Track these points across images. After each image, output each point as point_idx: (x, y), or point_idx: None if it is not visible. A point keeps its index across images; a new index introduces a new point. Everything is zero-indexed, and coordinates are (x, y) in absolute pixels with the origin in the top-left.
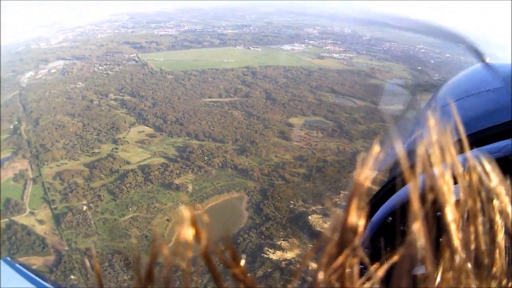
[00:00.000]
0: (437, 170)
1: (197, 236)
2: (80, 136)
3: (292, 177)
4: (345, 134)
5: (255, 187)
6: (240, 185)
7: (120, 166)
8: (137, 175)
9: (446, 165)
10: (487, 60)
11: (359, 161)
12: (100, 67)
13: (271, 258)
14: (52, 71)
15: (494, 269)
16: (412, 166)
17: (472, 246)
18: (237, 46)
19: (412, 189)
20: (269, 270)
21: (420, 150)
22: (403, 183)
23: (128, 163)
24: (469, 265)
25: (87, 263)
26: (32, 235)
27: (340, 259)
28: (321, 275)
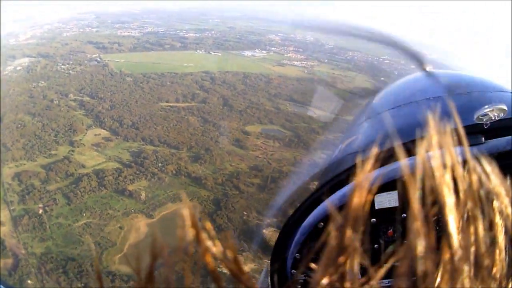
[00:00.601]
0: (437, 170)
1: (197, 237)
2: (39, 137)
3: (246, 187)
4: (303, 144)
5: (208, 197)
6: (193, 194)
7: (75, 170)
8: (92, 180)
9: (445, 166)
10: (428, 68)
11: (358, 163)
12: (63, 66)
13: (225, 273)
14: (18, 68)
15: (494, 270)
16: (346, 171)
17: (472, 247)
18: (198, 50)
19: (412, 191)
20: (224, 285)
21: (420, 152)
22: (335, 188)
23: (83, 166)
24: (469, 266)
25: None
26: None
27: (340, 260)
28: (321, 276)
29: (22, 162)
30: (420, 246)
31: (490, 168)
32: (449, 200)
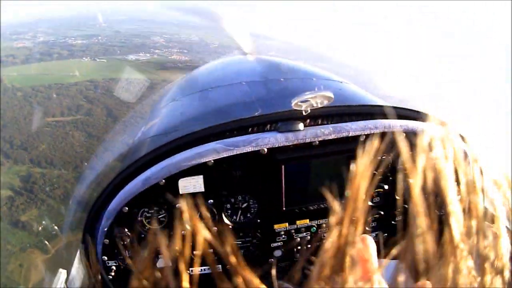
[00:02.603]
0: (438, 161)
1: (195, 230)
2: None
3: None
4: None
5: None
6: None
7: None
8: None
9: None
10: (248, 52)
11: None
12: None
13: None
14: None
15: (496, 263)
16: (148, 154)
17: (474, 240)
18: (84, 58)
19: (415, 184)
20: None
21: (421, 143)
22: (138, 171)
23: None
24: (471, 258)
25: None
26: None
27: (340, 254)
28: (320, 271)
29: None
30: (422, 238)
31: (492, 159)
32: (451, 192)
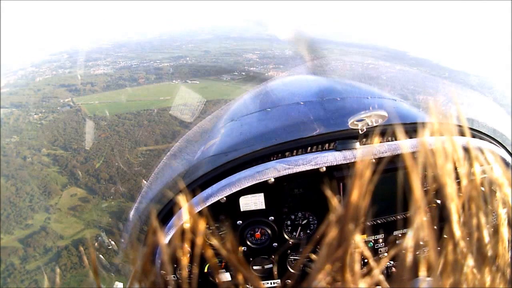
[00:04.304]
0: (439, 161)
1: (195, 226)
2: (14, 203)
3: None
4: None
5: None
6: None
7: (53, 242)
8: (71, 254)
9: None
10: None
11: (359, 151)
12: (35, 116)
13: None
14: None
15: (497, 260)
16: (209, 173)
17: (475, 237)
18: (174, 81)
19: (415, 178)
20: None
21: (423, 141)
22: (200, 189)
23: (62, 237)
24: (472, 256)
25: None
26: None
27: (341, 251)
28: (321, 267)
29: None
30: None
31: (493, 158)
32: (451, 189)
